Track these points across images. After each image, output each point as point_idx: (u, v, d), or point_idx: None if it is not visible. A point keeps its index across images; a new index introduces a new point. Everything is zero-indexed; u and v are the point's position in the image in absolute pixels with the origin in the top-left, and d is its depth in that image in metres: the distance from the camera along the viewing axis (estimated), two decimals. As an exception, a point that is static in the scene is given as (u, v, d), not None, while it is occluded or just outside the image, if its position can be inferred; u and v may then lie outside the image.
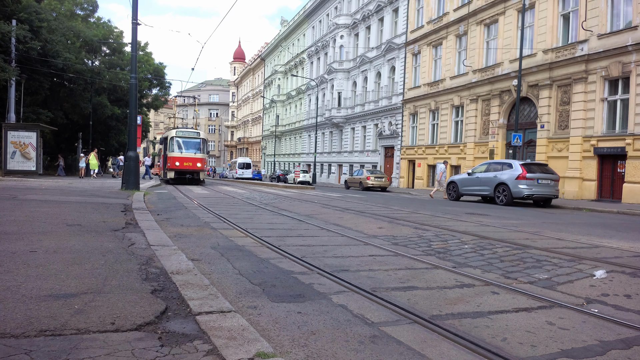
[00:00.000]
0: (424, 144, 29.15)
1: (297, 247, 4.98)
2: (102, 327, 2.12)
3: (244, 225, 6.65)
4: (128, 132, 15.29)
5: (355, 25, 38.95)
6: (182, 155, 23.22)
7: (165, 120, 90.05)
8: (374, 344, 2.27)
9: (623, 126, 16.97)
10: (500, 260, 4.63)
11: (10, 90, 21.89)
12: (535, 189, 14.05)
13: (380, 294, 3.19)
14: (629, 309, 3.08)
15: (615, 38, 17.09)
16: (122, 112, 33.02)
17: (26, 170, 21.21)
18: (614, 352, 2.30)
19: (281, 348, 2.16)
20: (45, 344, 1.90)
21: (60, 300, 2.49)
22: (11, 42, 20.86)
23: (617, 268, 4.37)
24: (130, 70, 16.34)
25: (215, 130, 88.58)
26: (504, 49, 22.63)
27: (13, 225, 5.12)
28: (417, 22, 30.56)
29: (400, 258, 4.59)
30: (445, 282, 3.65)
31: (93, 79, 29.05)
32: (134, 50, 13.45)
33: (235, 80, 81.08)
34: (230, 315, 2.36)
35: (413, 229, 6.99)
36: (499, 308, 2.99)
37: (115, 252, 3.92)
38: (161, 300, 2.59)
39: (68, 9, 33.66)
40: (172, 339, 2.06)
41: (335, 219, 8.12)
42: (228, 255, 4.37)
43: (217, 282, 3.32)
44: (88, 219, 6.00)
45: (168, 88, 41.59)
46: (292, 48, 55.89)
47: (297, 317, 2.64)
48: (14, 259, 3.41)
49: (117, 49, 35.49)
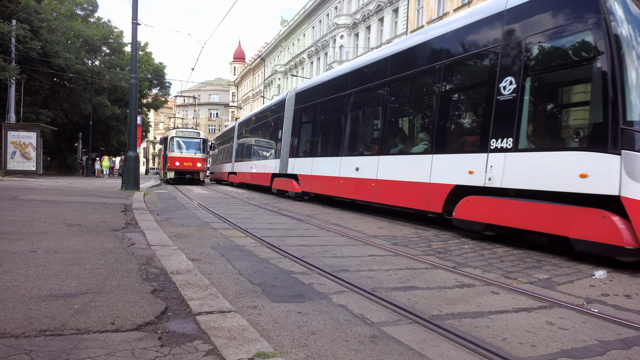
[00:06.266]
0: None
1: (297, 247, 4.98)
2: (102, 327, 2.12)
3: (244, 225, 6.65)
4: (128, 132, 15.29)
5: (355, 25, 38.98)
6: (182, 155, 23.23)
7: (165, 120, 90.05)
8: (374, 344, 2.27)
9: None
10: (500, 260, 4.63)
11: (10, 90, 21.88)
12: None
13: (380, 294, 3.19)
14: (629, 309, 3.08)
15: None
16: (122, 112, 33.01)
17: (26, 170, 21.21)
18: (614, 352, 2.31)
19: (281, 348, 2.16)
20: (45, 344, 1.90)
21: (60, 300, 2.49)
22: (11, 42, 20.84)
23: (617, 268, 4.37)
24: (130, 70, 16.33)
25: (215, 130, 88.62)
26: (504, 49, 22.61)
27: (13, 225, 5.12)
28: (417, 22, 30.56)
29: (400, 258, 4.59)
30: (445, 282, 3.65)
31: (93, 79, 29.04)
32: (134, 50, 13.44)
33: (235, 80, 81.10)
34: (230, 315, 2.36)
35: (413, 228, 6.99)
36: (499, 308, 2.99)
37: (115, 252, 3.92)
38: (161, 300, 2.59)
39: (68, 8, 33.68)
40: (172, 339, 2.06)
41: (335, 218, 8.12)
42: (228, 255, 4.37)
43: (217, 282, 3.32)
44: (88, 219, 6.00)
45: (168, 88, 41.57)
46: (292, 48, 55.92)
47: (297, 317, 2.64)
48: (14, 259, 3.41)
49: (117, 49, 35.47)
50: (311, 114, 12.34)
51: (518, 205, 5.47)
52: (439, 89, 7.17)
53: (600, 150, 4.63)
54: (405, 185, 7.62)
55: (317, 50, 47.05)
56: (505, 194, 5.74)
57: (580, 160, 4.80)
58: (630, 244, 4.23)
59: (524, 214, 5.38)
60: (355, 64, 10.45)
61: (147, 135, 57.22)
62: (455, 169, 6.54)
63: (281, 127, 14.39)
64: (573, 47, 5.17)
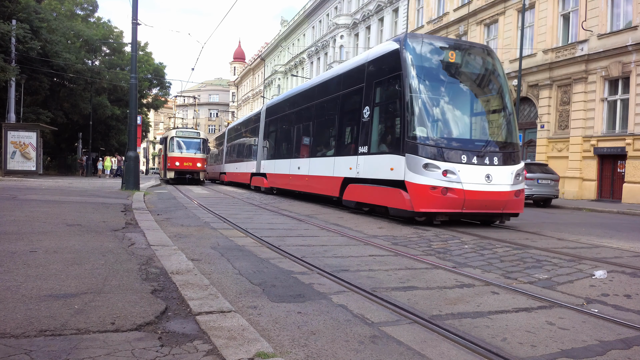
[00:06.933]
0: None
1: (297, 247, 4.98)
2: (102, 327, 2.12)
3: (244, 225, 6.65)
4: (128, 132, 15.28)
5: (355, 25, 38.95)
6: (182, 155, 23.24)
7: (165, 120, 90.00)
8: (374, 344, 2.27)
9: (623, 126, 16.98)
10: (500, 260, 4.63)
11: (10, 90, 21.88)
12: (535, 189, 14.05)
13: (380, 294, 3.19)
14: (629, 309, 3.08)
15: (615, 38, 17.09)
16: (122, 112, 33.00)
17: (26, 170, 21.21)
18: (614, 352, 2.30)
19: (281, 348, 2.16)
20: (45, 344, 1.90)
21: (60, 300, 2.49)
22: (11, 42, 20.85)
23: (617, 268, 4.37)
24: (130, 70, 16.33)
25: (215, 130, 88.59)
26: (504, 49, 22.62)
27: (13, 225, 5.12)
28: (417, 22, 30.54)
29: (400, 258, 4.59)
30: (445, 282, 3.65)
31: (93, 79, 29.04)
32: (134, 50, 13.44)
33: (235, 80, 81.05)
34: (230, 315, 2.36)
35: (413, 228, 6.99)
36: (499, 308, 2.99)
37: (115, 252, 3.92)
38: (161, 300, 2.59)
39: (68, 8, 33.68)
40: (172, 339, 2.06)
41: (335, 218, 8.12)
42: (228, 255, 4.37)
43: (217, 282, 3.32)
44: (88, 219, 6.00)
45: (168, 88, 41.57)
46: (292, 48, 55.89)
47: (297, 317, 2.63)
48: (14, 259, 3.41)
49: (117, 49, 35.47)
50: (273, 125, 15.92)
51: (367, 189, 8.73)
52: (337, 112, 10.50)
53: (397, 154, 7.65)
54: (323, 179, 10.90)
55: (317, 50, 47.02)
56: (364, 182, 8.90)
57: (390, 160, 7.85)
58: (410, 208, 7.26)
59: (370, 193, 8.66)
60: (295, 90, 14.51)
61: (147, 135, 57.22)
62: (344, 167, 9.72)
63: (257, 134, 17.87)
64: (389, 90, 8.31)
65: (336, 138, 10.47)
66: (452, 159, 7.17)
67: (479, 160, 7.31)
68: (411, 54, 7.65)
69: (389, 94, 8.30)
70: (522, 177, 7.75)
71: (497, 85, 8.21)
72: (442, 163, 7.11)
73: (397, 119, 7.84)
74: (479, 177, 7.20)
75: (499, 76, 8.23)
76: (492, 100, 8.21)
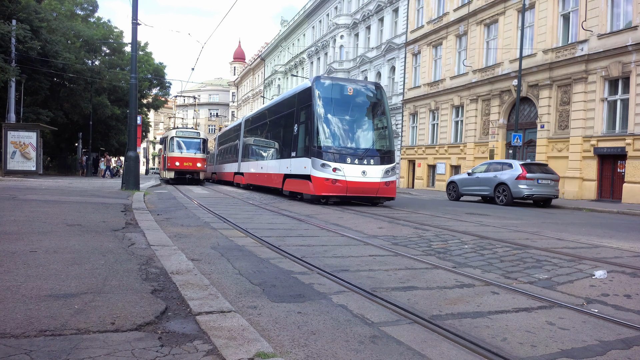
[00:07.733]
0: (424, 144, 29.14)
1: (297, 247, 4.98)
2: (102, 327, 2.12)
3: (244, 225, 6.65)
4: (128, 132, 15.27)
5: (355, 25, 38.94)
6: (182, 155, 23.24)
7: (165, 120, 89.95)
8: (374, 344, 2.27)
9: (623, 126, 16.97)
10: (500, 260, 4.63)
11: (10, 90, 21.87)
12: (535, 189, 14.05)
13: (380, 294, 3.19)
14: (629, 309, 3.08)
15: (615, 38, 17.09)
16: (122, 112, 32.98)
17: (26, 170, 21.20)
18: (614, 352, 2.30)
19: (281, 348, 2.16)
20: (45, 344, 1.90)
21: (60, 300, 2.49)
22: (11, 42, 20.84)
23: (617, 268, 4.37)
24: (130, 70, 16.32)
25: (215, 130, 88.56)
26: (504, 49, 22.62)
27: (13, 225, 5.12)
28: (417, 22, 30.54)
29: (400, 258, 4.59)
30: (445, 282, 3.65)
31: (93, 79, 29.03)
32: (134, 50, 13.44)
33: (235, 80, 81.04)
34: (230, 315, 2.36)
35: (413, 229, 7.00)
36: (499, 308, 2.99)
37: (115, 252, 3.92)
38: (161, 300, 2.59)
39: (68, 8, 33.63)
40: (172, 339, 2.06)
41: (335, 218, 8.12)
42: (228, 255, 4.37)
43: (217, 282, 3.32)
44: (88, 219, 6.00)
45: (168, 88, 41.51)
46: (292, 48, 55.87)
47: (297, 317, 2.64)
48: (14, 259, 3.41)
49: (117, 49, 35.44)
50: (248, 134, 19.85)
51: (295, 181, 12.44)
52: (282, 126, 14.27)
53: (307, 157, 11.45)
54: (274, 175, 14.69)
55: (317, 50, 47.02)
56: (294, 177, 12.48)
57: (304, 161, 11.65)
58: (313, 193, 11.09)
59: (296, 184, 12.40)
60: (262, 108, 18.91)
61: (147, 135, 57.18)
62: (284, 166, 13.49)
63: (239, 141, 21.75)
64: (306, 114, 11.88)
65: (280, 145, 14.31)
66: (340, 161, 10.91)
67: (359, 161, 11.06)
68: (318, 90, 11.43)
69: (306, 116, 11.93)
70: (391, 173, 11.39)
71: (380, 110, 11.94)
72: (333, 163, 10.87)
73: (308, 134, 11.62)
74: (357, 173, 10.93)
75: (382, 104, 11.95)
76: (375, 120, 11.85)
